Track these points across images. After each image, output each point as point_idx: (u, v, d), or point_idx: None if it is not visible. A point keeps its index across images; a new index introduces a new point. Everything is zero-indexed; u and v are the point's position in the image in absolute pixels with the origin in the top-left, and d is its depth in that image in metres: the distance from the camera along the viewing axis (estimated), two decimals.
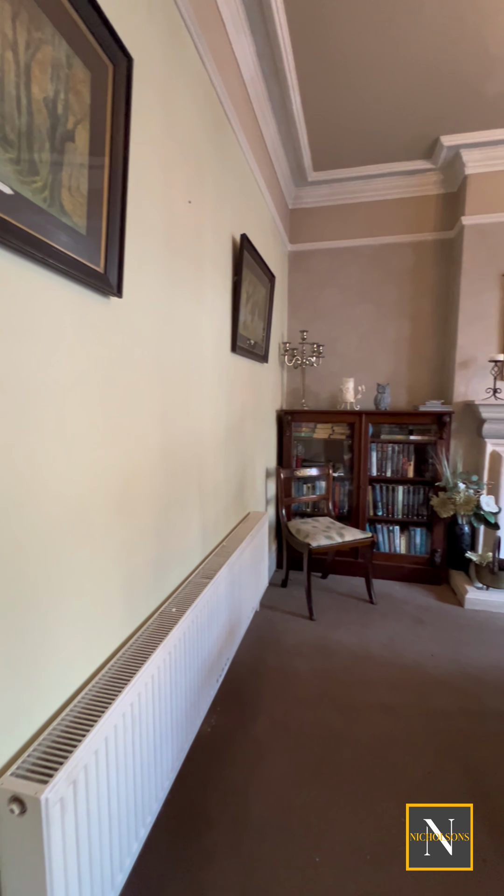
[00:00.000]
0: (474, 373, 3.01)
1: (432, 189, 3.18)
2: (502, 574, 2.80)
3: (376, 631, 2.49)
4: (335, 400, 3.49)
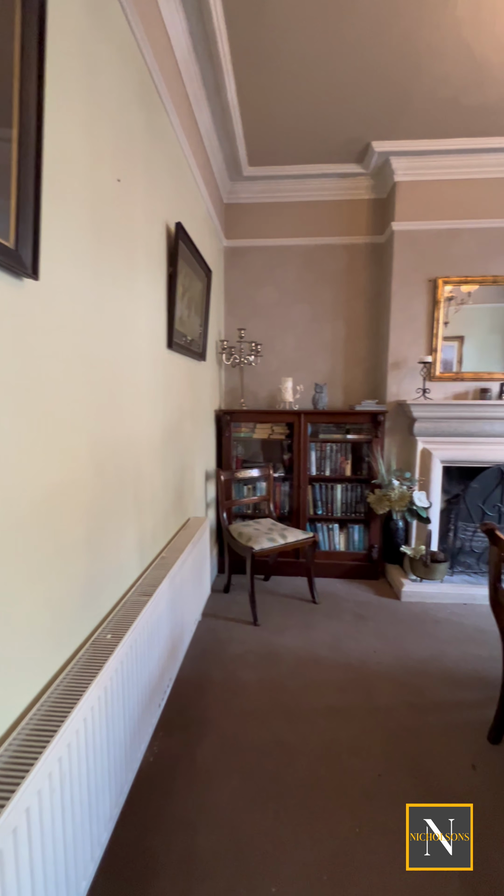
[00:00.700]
0: (405, 374, 3.13)
1: (364, 193, 3.26)
2: (434, 566, 2.94)
3: (321, 632, 2.48)
4: (274, 399, 3.47)
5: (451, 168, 2.93)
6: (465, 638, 2.44)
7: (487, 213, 2.97)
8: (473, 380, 3.08)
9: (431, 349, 3.09)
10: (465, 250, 3.02)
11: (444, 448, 3.08)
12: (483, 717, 1.81)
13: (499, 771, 1.56)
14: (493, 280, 3.00)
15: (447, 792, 1.47)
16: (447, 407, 2.97)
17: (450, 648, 2.33)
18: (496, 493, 3.11)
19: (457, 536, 3.23)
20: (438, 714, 1.84)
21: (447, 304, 3.06)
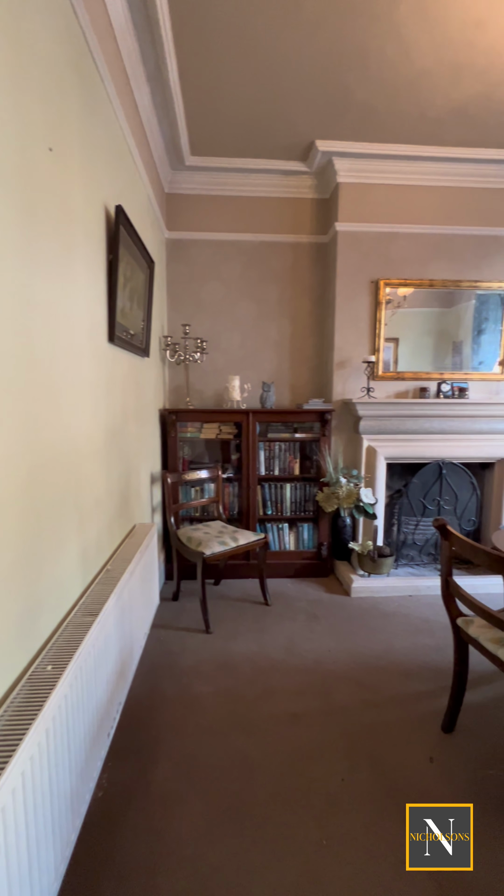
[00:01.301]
0: (350, 373, 3.18)
1: (308, 193, 3.26)
2: (381, 560, 3.02)
3: (275, 635, 2.44)
4: (221, 398, 3.37)
5: (392, 173, 3.01)
6: (413, 629, 2.51)
7: (424, 219, 3.09)
8: (413, 379, 3.20)
9: (374, 349, 3.17)
10: (404, 254, 3.12)
11: (387, 445, 3.18)
12: (436, 707, 1.85)
13: (454, 761, 1.60)
14: (430, 283, 3.13)
15: (408, 788, 1.48)
16: (390, 405, 3.06)
17: (400, 641, 2.39)
18: (435, 488, 3.26)
19: (400, 530, 3.35)
20: (394, 709, 1.86)
21: (386, 306, 3.15)
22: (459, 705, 1.72)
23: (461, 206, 3.11)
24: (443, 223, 3.11)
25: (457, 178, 3.06)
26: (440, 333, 3.26)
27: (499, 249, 3.17)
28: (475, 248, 3.16)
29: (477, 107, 2.49)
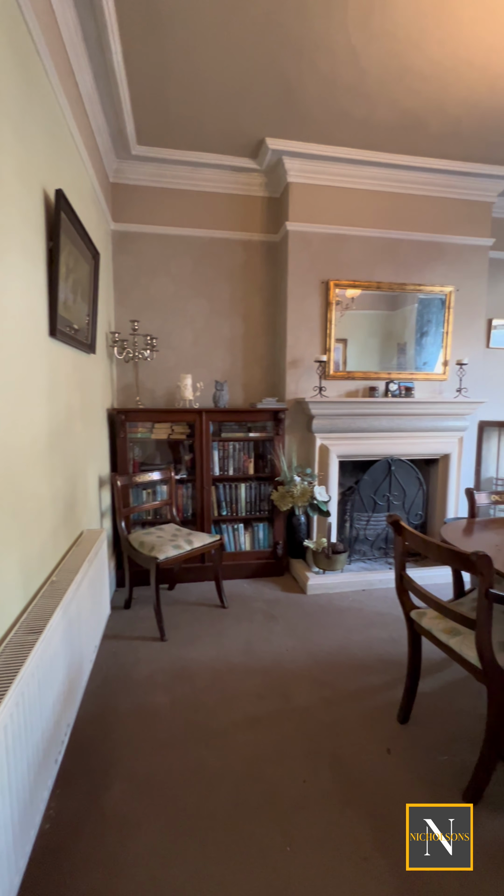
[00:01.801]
0: (303, 372, 3.20)
1: (259, 191, 3.25)
2: (335, 557, 3.07)
3: (232, 638, 2.40)
4: (173, 397, 3.28)
5: (341, 176, 3.06)
6: (368, 623, 2.57)
7: (371, 223, 3.18)
8: (363, 379, 3.28)
9: (326, 349, 3.21)
10: (353, 256, 3.19)
11: (339, 443, 3.23)
12: (392, 698, 1.90)
13: (410, 750, 1.63)
14: (377, 286, 3.23)
15: (367, 782, 1.49)
16: (341, 404, 3.12)
17: (355, 636, 2.43)
18: (385, 484, 3.36)
19: (353, 526, 3.43)
20: (352, 704, 1.88)
21: (336, 307, 3.21)
22: (414, 696, 1.77)
23: (405, 212, 3.23)
24: (389, 228, 3.21)
25: (401, 184, 3.17)
26: (386, 335, 3.36)
27: (439, 256, 3.32)
28: (418, 254, 3.29)
29: (419, 117, 2.59)
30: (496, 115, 2.57)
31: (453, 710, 1.84)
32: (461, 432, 3.42)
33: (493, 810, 1.39)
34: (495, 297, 3.72)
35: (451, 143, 2.86)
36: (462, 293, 3.37)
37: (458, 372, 3.34)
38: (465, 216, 3.32)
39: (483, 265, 3.40)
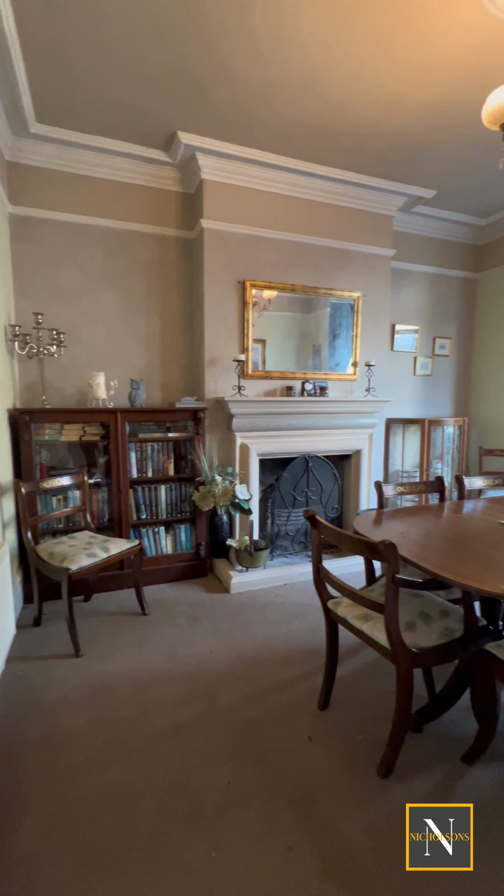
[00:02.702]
0: (221, 371, 3.20)
1: (172, 185, 3.17)
2: (257, 554, 3.11)
3: (155, 645, 2.32)
4: (84, 397, 3.08)
5: (256, 178, 3.10)
6: (289, 616, 2.64)
7: (285, 226, 3.27)
8: (280, 378, 3.36)
9: (244, 348, 3.24)
10: (268, 257, 3.25)
11: (259, 442, 3.28)
12: (313, 687, 1.96)
13: (330, 735, 1.70)
14: (292, 288, 3.33)
15: (290, 772, 1.52)
16: (260, 403, 3.16)
17: (277, 630, 2.48)
18: (304, 480, 3.48)
19: (274, 522, 3.50)
20: (275, 697, 1.92)
21: (253, 307, 3.25)
22: (332, 682, 1.85)
23: (317, 218, 3.36)
24: (302, 233, 3.33)
25: (313, 192, 3.29)
26: (302, 336, 3.49)
27: (348, 263, 3.52)
28: (329, 259, 3.45)
29: (327, 130, 2.71)
30: (393, 137, 2.79)
31: (370, 690, 1.96)
32: (371, 429, 3.66)
33: (405, 779, 1.50)
34: (397, 304, 4.04)
35: (358, 158, 3.04)
36: (368, 299, 3.60)
37: (367, 373, 3.57)
38: (371, 227, 3.55)
39: (386, 274, 3.67)
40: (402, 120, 2.63)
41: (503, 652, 1.42)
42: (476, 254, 4.38)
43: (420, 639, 1.50)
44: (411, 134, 2.76)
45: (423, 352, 4.26)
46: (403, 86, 2.36)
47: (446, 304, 4.33)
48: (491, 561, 1.47)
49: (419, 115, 2.59)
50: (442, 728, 1.73)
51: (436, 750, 1.62)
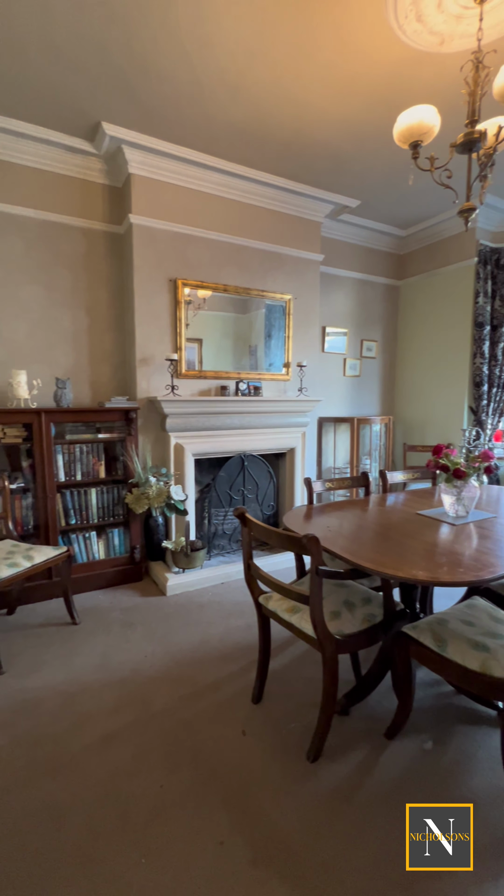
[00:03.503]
0: (154, 370, 3.14)
1: (98, 177, 3.06)
2: (194, 555, 3.10)
3: (86, 655, 2.23)
4: (4, 396, 2.88)
5: (186, 176, 3.08)
6: (226, 614, 2.66)
7: (217, 226, 3.27)
8: (214, 378, 3.37)
9: (177, 347, 3.20)
10: (200, 257, 3.24)
11: (194, 441, 3.27)
12: (248, 682, 2.00)
13: (264, 727, 1.74)
14: (224, 288, 3.34)
15: (223, 769, 1.54)
16: (195, 403, 3.15)
17: (214, 629, 2.49)
18: (239, 479, 3.52)
19: (211, 522, 3.50)
20: (210, 695, 1.93)
21: (187, 307, 3.23)
22: (265, 675, 1.89)
23: (249, 220, 3.41)
24: (234, 234, 3.35)
25: (245, 194, 3.33)
26: (238, 337, 3.52)
27: (280, 265, 3.60)
28: (261, 261, 3.51)
29: (254, 131, 2.75)
30: (317, 146, 2.89)
31: (302, 680, 2.03)
32: (304, 428, 3.78)
33: (333, 760, 1.57)
34: (327, 308, 4.21)
35: (286, 164, 3.12)
36: (299, 301, 3.72)
37: (299, 373, 3.68)
38: (300, 232, 3.67)
39: (316, 278, 3.81)
40: (325, 132, 2.74)
41: (418, 632, 1.54)
42: (398, 262, 4.68)
43: (344, 626, 1.58)
44: (334, 145, 2.89)
45: (351, 354, 4.48)
46: (326, 99, 2.46)
47: (372, 309, 4.58)
48: (407, 549, 1.58)
49: (342, 128, 2.71)
50: (368, 709, 1.84)
51: (362, 729, 1.72)
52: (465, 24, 1.94)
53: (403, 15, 1.92)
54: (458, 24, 1.95)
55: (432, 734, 1.70)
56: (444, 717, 1.79)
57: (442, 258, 4.24)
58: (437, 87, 2.34)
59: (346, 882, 1.18)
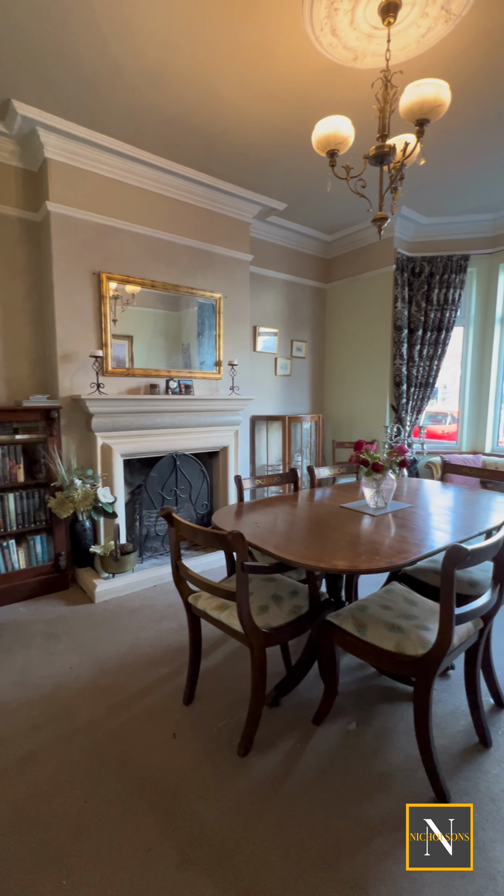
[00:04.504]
0: (78, 367, 2.99)
1: (10, 159, 2.84)
2: (125, 558, 2.99)
3: (2, 672, 2.07)
4: None
5: (110, 166, 2.96)
6: (159, 617, 2.60)
7: (143, 220, 3.18)
8: (143, 376, 3.28)
9: (102, 343, 3.07)
10: (126, 250, 3.14)
11: (123, 442, 3.16)
12: (179, 684, 1.97)
13: (195, 728, 1.73)
14: (152, 284, 3.26)
15: (152, 774, 1.51)
16: (122, 401, 3.04)
17: (145, 633, 2.43)
18: (172, 479, 3.46)
19: (142, 524, 3.41)
20: (140, 702, 1.87)
21: (114, 301, 3.11)
22: (197, 675, 1.88)
23: (177, 216, 3.35)
24: (162, 229, 3.28)
25: (172, 189, 3.27)
26: (170, 334, 3.45)
27: (209, 264, 3.59)
28: (190, 258, 3.47)
29: (178, 125, 2.71)
30: (243, 146, 2.92)
31: (234, 676, 2.04)
32: (236, 426, 3.80)
33: (263, 752, 1.60)
34: (258, 307, 4.27)
35: (213, 162, 3.11)
36: (230, 300, 3.73)
37: (231, 372, 3.69)
38: (229, 231, 3.68)
39: (245, 277, 3.84)
40: (249, 132, 2.77)
41: (340, 620, 1.61)
42: (325, 266, 4.86)
43: (271, 619, 1.61)
44: (258, 146, 2.93)
45: (282, 353, 4.58)
46: (248, 100, 2.48)
47: (301, 310, 4.72)
48: (330, 541, 1.64)
49: (265, 130, 2.75)
50: (298, 698, 1.89)
51: (292, 719, 1.77)
52: (376, 43, 2.05)
53: (319, 27, 1.99)
54: (370, 42, 2.06)
55: (357, 715, 1.78)
56: (367, 698, 1.89)
57: (364, 264, 4.47)
58: (352, 100, 2.45)
59: (274, 870, 1.20)
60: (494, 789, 1.44)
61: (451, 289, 4.11)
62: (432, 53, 2.14)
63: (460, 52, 2.14)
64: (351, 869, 1.20)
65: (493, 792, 1.44)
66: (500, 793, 1.43)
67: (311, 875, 1.19)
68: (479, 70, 2.26)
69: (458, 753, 1.59)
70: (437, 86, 1.61)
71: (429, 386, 4.31)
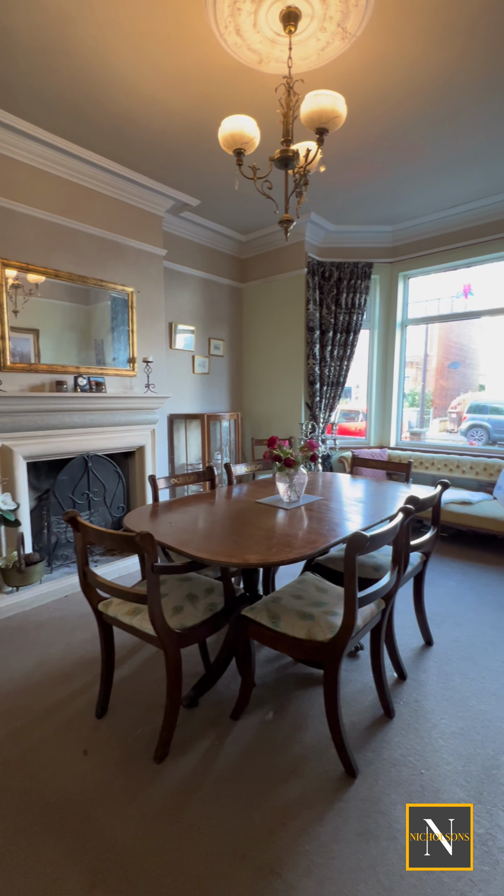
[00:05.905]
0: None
1: None
2: (29, 570, 2.77)
3: None
4: None
5: (4, 143, 2.69)
6: (70, 629, 2.44)
7: (44, 205, 2.95)
8: (48, 372, 3.05)
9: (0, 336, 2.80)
10: (25, 236, 2.89)
11: (26, 443, 2.91)
12: (91, 697, 1.86)
13: (109, 741, 1.64)
14: (56, 274, 3.04)
15: (60, 798, 1.41)
16: (24, 400, 2.80)
17: (54, 647, 2.26)
18: (84, 482, 3.27)
19: (51, 531, 3.18)
20: (47, 721, 1.74)
21: (14, 291, 2.85)
22: (110, 686, 1.79)
23: (82, 204, 3.16)
24: (65, 215, 3.07)
25: (75, 174, 3.07)
26: (81, 329, 3.24)
27: (120, 256, 3.44)
28: (98, 249, 3.30)
29: (82, 105, 2.55)
30: (151, 136, 2.83)
31: (152, 682, 1.97)
32: (153, 425, 3.70)
33: (180, 755, 1.57)
34: (175, 304, 4.19)
35: (122, 150, 2.98)
36: (143, 295, 3.61)
37: (146, 369, 3.58)
38: (141, 224, 3.55)
39: (159, 272, 3.74)
40: (158, 121, 2.70)
41: (255, 613, 1.63)
42: (241, 266, 4.91)
43: (186, 619, 1.59)
44: (168, 138, 2.86)
45: (200, 351, 4.54)
46: (156, 88, 2.41)
47: (219, 308, 4.72)
48: (244, 536, 1.66)
49: (174, 121, 2.69)
50: (216, 695, 1.89)
51: (210, 718, 1.76)
52: (279, 49, 2.11)
53: (224, 24, 2.00)
54: (273, 48, 2.11)
55: (273, 705, 1.83)
56: (284, 687, 1.94)
57: (278, 266, 4.59)
58: (259, 101, 2.49)
59: (190, 871, 1.18)
60: (395, 755, 1.57)
61: (358, 293, 4.38)
62: (332, 67, 2.25)
63: (358, 70, 2.27)
64: (266, 854, 1.23)
65: (395, 757, 1.56)
66: (401, 757, 1.56)
67: (228, 868, 1.19)
68: (375, 90, 2.42)
69: (367, 727, 1.70)
70: (333, 98, 1.69)
71: (340, 385, 4.55)
